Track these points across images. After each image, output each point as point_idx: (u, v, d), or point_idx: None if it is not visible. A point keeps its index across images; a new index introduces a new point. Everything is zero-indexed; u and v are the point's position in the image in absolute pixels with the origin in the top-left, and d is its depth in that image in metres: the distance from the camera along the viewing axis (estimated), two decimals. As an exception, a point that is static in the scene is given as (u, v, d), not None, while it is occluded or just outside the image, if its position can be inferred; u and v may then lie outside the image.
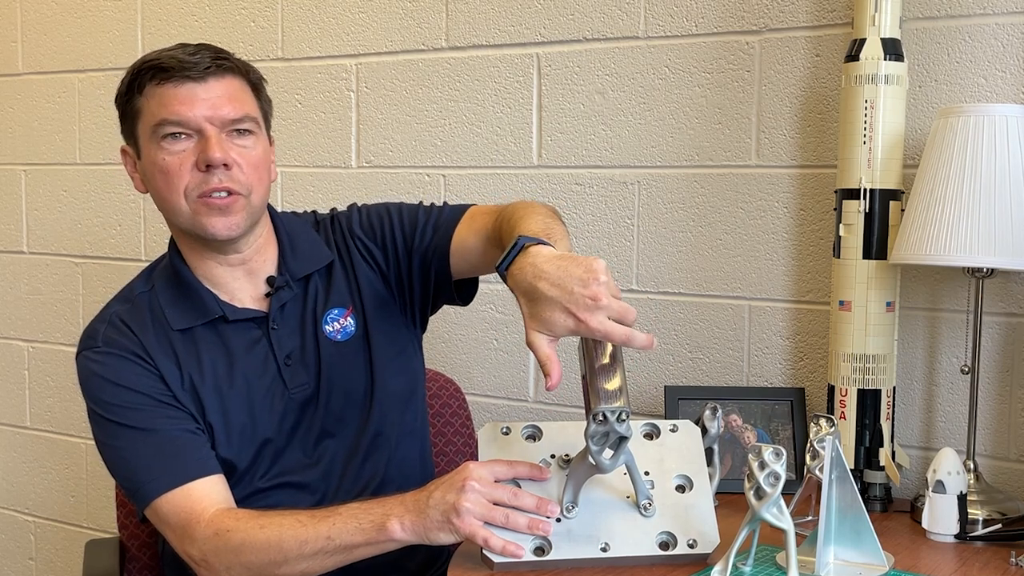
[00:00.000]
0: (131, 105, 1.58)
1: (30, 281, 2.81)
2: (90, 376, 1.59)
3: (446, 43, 2.23)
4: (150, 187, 1.60)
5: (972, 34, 1.77)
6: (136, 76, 1.56)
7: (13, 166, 2.81)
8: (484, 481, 1.39)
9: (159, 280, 1.64)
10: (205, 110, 1.53)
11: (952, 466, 1.57)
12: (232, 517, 1.47)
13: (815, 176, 1.91)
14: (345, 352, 1.65)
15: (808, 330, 1.93)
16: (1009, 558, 1.50)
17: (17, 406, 2.86)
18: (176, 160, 1.53)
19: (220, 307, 1.60)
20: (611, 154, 2.08)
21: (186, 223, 1.56)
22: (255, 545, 1.44)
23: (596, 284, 1.28)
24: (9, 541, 2.92)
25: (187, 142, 1.54)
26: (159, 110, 1.53)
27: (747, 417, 1.88)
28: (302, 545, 1.42)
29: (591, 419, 1.35)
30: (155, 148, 1.54)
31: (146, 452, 1.52)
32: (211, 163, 1.52)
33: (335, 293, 1.66)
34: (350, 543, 1.41)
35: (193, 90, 1.53)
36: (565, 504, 1.45)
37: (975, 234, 1.56)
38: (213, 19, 2.49)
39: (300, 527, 1.43)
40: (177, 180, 1.54)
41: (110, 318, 1.62)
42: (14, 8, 2.77)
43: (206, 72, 1.54)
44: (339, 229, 1.71)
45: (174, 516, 1.50)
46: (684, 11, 1.99)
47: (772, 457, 1.31)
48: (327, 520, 1.43)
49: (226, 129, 1.55)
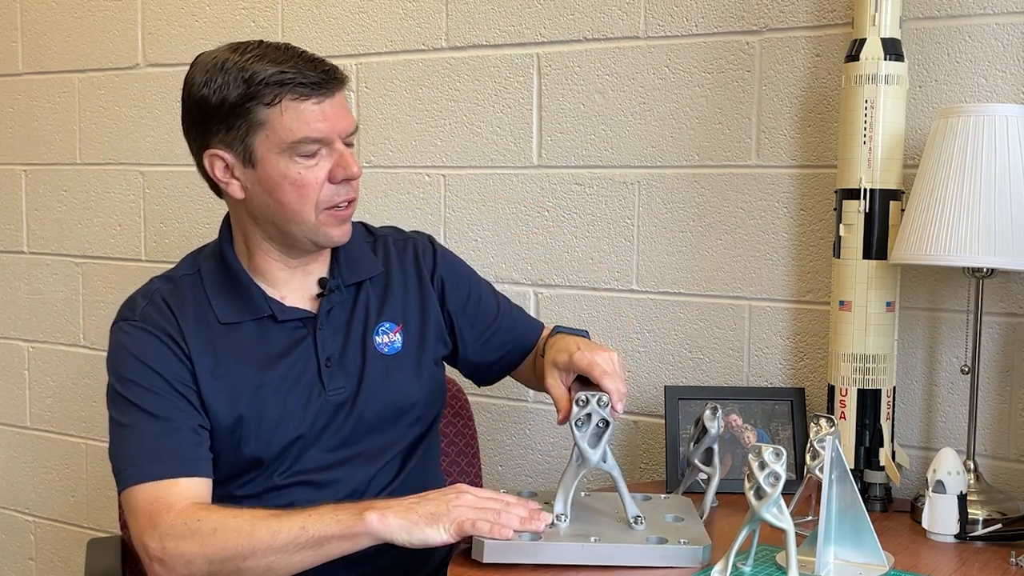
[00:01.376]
0: (251, 115, 1.53)
1: (30, 281, 2.81)
2: (118, 347, 1.59)
3: (446, 43, 2.23)
4: (266, 196, 1.58)
5: (972, 34, 1.77)
6: (262, 87, 1.52)
7: (13, 166, 2.81)
8: (475, 493, 1.46)
9: (206, 267, 1.65)
10: (337, 125, 1.56)
11: (952, 466, 1.58)
12: (205, 508, 1.48)
13: (815, 176, 1.91)
14: (390, 365, 1.67)
15: (808, 330, 1.93)
16: (1009, 558, 1.50)
17: (17, 406, 2.86)
18: (312, 174, 1.56)
19: (269, 305, 1.62)
20: (611, 154, 2.08)
21: (306, 232, 1.59)
22: (226, 532, 1.43)
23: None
24: (9, 541, 2.92)
25: (319, 156, 1.56)
26: (299, 127, 1.53)
27: (747, 417, 1.88)
28: (274, 535, 1.41)
29: (573, 403, 1.45)
30: (286, 162, 1.55)
31: (145, 437, 1.53)
32: (351, 177, 1.58)
33: (389, 307, 1.69)
34: (324, 534, 1.41)
35: (328, 106, 1.55)
36: (556, 514, 1.46)
37: (975, 234, 1.56)
38: (213, 19, 2.49)
39: (273, 518, 1.43)
40: (312, 193, 1.56)
41: (152, 295, 1.63)
42: (14, 8, 2.77)
43: (335, 88, 1.57)
44: (412, 252, 1.75)
45: (146, 505, 1.49)
46: (684, 11, 1.99)
47: (772, 457, 1.31)
48: (302, 512, 1.44)
49: (345, 140, 1.59)
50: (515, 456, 2.22)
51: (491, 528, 1.40)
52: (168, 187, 2.58)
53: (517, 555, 1.41)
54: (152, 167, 2.59)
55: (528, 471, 2.21)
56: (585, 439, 1.46)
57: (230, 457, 1.60)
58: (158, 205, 2.60)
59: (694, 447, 1.69)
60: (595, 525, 1.47)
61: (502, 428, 2.23)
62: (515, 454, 2.22)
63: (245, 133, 1.55)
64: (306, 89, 1.53)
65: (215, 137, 1.57)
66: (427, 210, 2.25)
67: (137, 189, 2.62)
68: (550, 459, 2.19)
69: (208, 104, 1.55)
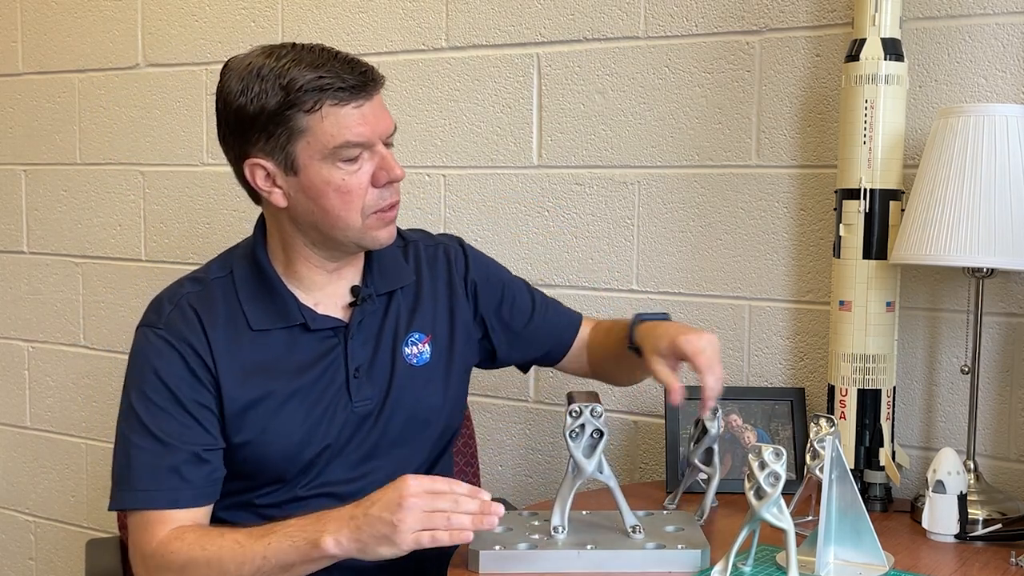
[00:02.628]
0: (291, 122, 1.50)
1: (30, 281, 2.81)
2: (139, 355, 1.57)
3: (446, 43, 2.23)
4: (309, 203, 1.55)
5: (972, 34, 1.77)
6: (301, 93, 1.49)
7: (13, 166, 2.81)
8: (421, 495, 1.35)
9: (239, 270, 1.62)
10: (377, 127, 1.54)
11: (952, 466, 1.57)
12: (178, 538, 1.48)
13: (815, 176, 1.91)
14: (418, 377, 1.65)
15: (808, 330, 1.93)
16: (1009, 558, 1.50)
17: (17, 406, 2.86)
18: (356, 180, 1.53)
19: (302, 313, 1.59)
20: (611, 154, 2.08)
21: (352, 236, 1.56)
22: (196, 566, 1.44)
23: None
24: (9, 541, 2.92)
25: (361, 161, 1.54)
26: (340, 132, 1.50)
27: (747, 417, 1.88)
28: (240, 566, 1.42)
29: (567, 415, 1.44)
30: (329, 168, 1.52)
31: (146, 460, 1.52)
32: (396, 179, 1.56)
33: (420, 318, 1.68)
34: (285, 562, 1.41)
35: (367, 109, 1.53)
36: (553, 526, 1.46)
37: (975, 234, 1.56)
38: (213, 19, 2.49)
39: (238, 547, 1.43)
40: (357, 199, 1.53)
41: (179, 300, 1.59)
42: (14, 8, 2.77)
43: (373, 90, 1.55)
44: (444, 259, 1.74)
45: (135, 530, 1.52)
46: (684, 11, 1.99)
47: (772, 457, 1.31)
48: (263, 540, 1.42)
49: (385, 141, 1.57)
50: (515, 456, 2.22)
51: (449, 537, 1.34)
52: (168, 187, 2.58)
53: (513, 564, 1.41)
54: (152, 167, 2.59)
55: (528, 471, 2.21)
56: (580, 450, 1.45)
57: (253, 468, 1.58)
58: (158, 205, 2.60)
59: (694, 447, 1.69)
60: (592, 535, 1.47)
61: (502, 428, 2.23)
62: (515, 454, 2.22)
63: (286, 141, 1.51)
64: (345, 93, 1.50)
65: (255, 146, 1.53)
66: (427, 210, 2.25)
67: (137, 189, 2.62)
68: (550, 459, 2.19)
69: (246, 113, 1.51)
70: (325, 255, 1.60)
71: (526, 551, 1.41)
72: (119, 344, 2.64)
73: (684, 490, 1.75)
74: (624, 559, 1.41)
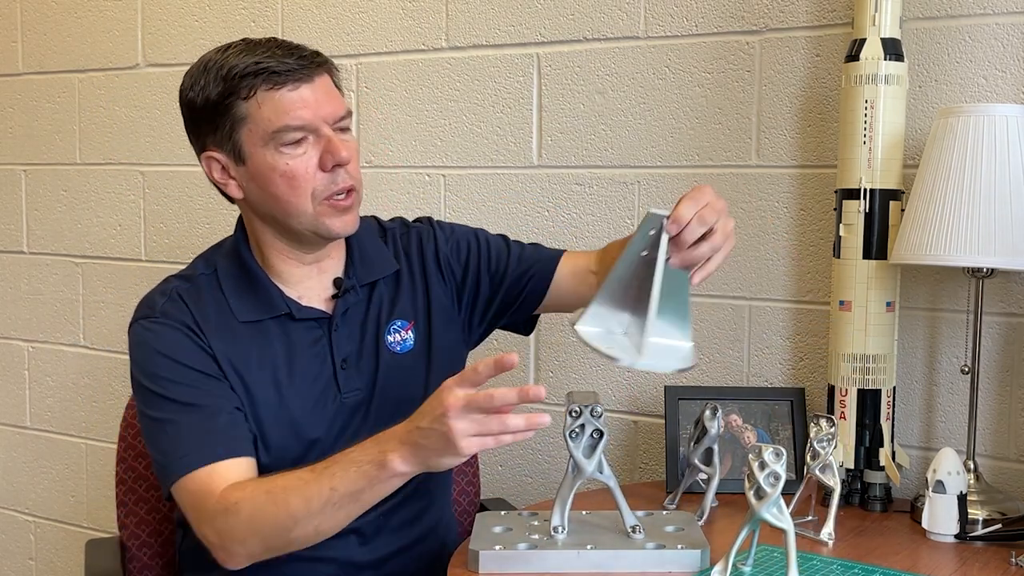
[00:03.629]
0: (232, 111, 1.53)
1: (30, 281, 2.81)
2: (142, 345, 1.57)
3: (446, 43, 2.23)
4: (259, 192, 1.56)
5: (972, 34, 1.77)
6: (237, 81, 1.51)
7: (13, 166, 2.81)
8: (469, 413, 1.31)
9: (222, 266, 1.63)
10: (320, 110, 1.53)
11: (952, 466, 1.57)
12: (239, 489, 1.45)
13: (815, 176, 1.91)
14: (403, 364, 1.65)
15: (808, 330, 1.93)
16: (1009, 558, 1.50)
17: (17, 406, 2.86)
18: (300, 164, 1.52)
19: (286, 303, 1.60)
20: (611, 154, 2.08)
21: (306, 224, 1.56)
22: (264, 512, 1.42)
23: None
24: (9, 541, 2.92)
25: (305, 145, 1.53)
26: (277, 116, 1.51)
27: (747, 417, 1.88)
28: (308, 502, 1.40)
29: (566, 415, 1.43)
30: (272, 153, 1.52)
31: (184, 427, 1.51)
32: (341, 163, 1.53)
33: (400, 305, 1.67)
34: (354, 489, 1.39)
35: (306, 92, 1.52)
36: (553, 526, 1.46)
37: (975, 234, 1.56)
38: (213, 19, 2.49)
39: (303, 485, 1.41)
40: (304, 183, 1.53)
41: (171, 292, 1.60)
42: (14, 8, 2.77)
43: (313, 72, 1.53)
44: (416, 243, 1.73)
45: (192, 495, 1.48)
46: (684, 11, 1.99)
47: (772, 457, 1.31)
48: (326, 473, 1.40)
49: (335, 126, 1.55)
50: (515, 456, 2.22)
51: (511, 437, 1.30)
52: (168, 187, 2.58)
53: (513, 564, 1.41)
54: (152, 167, 2.59)
55: (528, 471, 2.21)
56: (580, 450, 1.44)
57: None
58: (158, 205, 2.60)
59: (694, 447, 1.69)
60: (593, 535, 1.47)
61: (502, 428, 2.23)
62: (515, 454, 2.22)
63: (231, 130, 1.54)
64: (280, 77, 1.51)
65: (208, 139, 1.57)
66: (427, 210, 2.25)
67: (137, 189, 2.62)
68: (550, 459, 2.19)
69: (195, 106, 1.55)
70: (295, 246, 1.61)
71: (526, 551, 1.41)
72: (119, 344, 2.64)
73: (684, 490, 1.75)
74: (624, 559, 1.41)
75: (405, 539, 1.66)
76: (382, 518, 1.62)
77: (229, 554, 1.46)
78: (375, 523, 1.62)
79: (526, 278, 1.72)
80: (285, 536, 1.43)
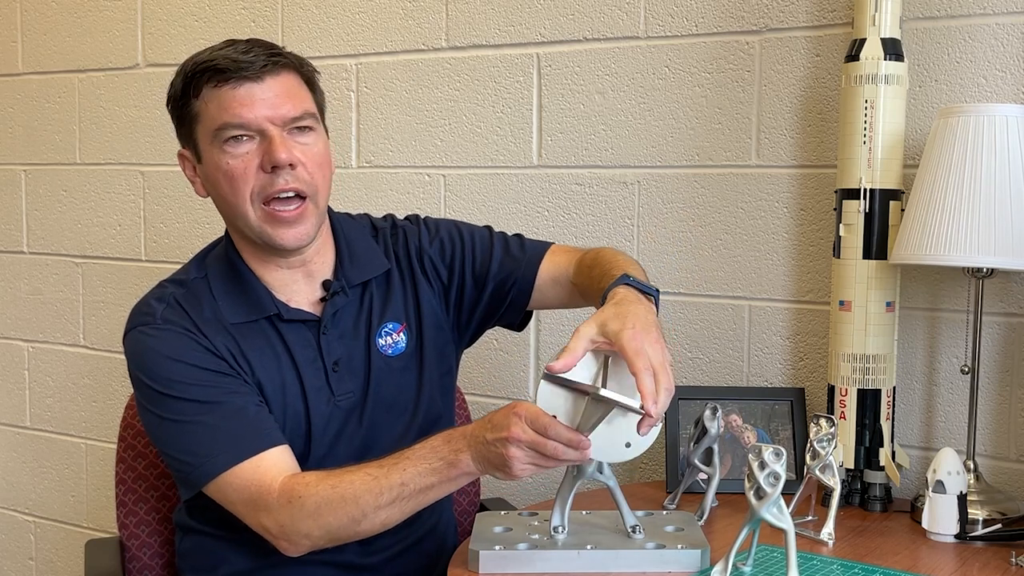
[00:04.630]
0: (188, 109, 1.54)
1: (30, 281, 2.81)
2: (146, 352, 1.55)
3: (446, 43, 2.23)
4: (213, 192, 1.58)
5: (972, 34, 1.77)
6: (190, 79, 1.53)
7: (13, 166, 2.81)
8: (529, 448, 1.33)
9: (212, 270, 1.62)
10: (265, 110, 1.50)
11: (952, 466, 1.57)
12: (303, 483, 1.45)
13: (815, 176, 1.91)
14: (395, 367, 1.64)
15: (808, 330, 1.93)
16: (1009, 558, 1.50)
17: (17, 406, 2.86)
18: (240, 163, 1.51)
19: (275, 305, 1.59)
20: (611, 154, 2.08)
21: (254, 230, 1.54)
22: (331, 506, 1.42)
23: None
24: (9, 541, 2.92)
25: (249, 144, 1.51)
26: (219, 113, 1.50)
27: (747, 417, 1.88)
28: (377, 497, 1.41)
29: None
30: (217, 152, 1.52)
31: (213, 426, 1.49)
32: (277, 164, 1.50)
33: (392, 306, 1.66)
34: (424, 485, 1.40)
35: (252, 90, 1.50)
36: (553, 526, 1.46)
37: (975, 234, 1.56)
38: (213, 19, 2.49)
39: (372, 480, 1.41)
40: (242, 184, 1.51)
41: (168, 299, 1.59)
42: (14, 8, 2.77)
43: (263, 71, 1.51)
44: (403, 242, 1.71)
45: (243, 490, 1.47)
46: (684, 11, 1.99)
47: (772, 457, 1.31)
48: (397, 467, 1.41)
49: (287, 127, 1.52)
50: (515, 456, 2.22)
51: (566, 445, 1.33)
52: (168, 187, 2.58)
53: (513, 564, 1.40)
54: (152, 167, 2.59)
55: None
56: None
57: None
58: (158, 205, 2.60)
59: (694, 447, 1.69)
60: (593, 535, 1.47)
61: (502, 428, 2.23)
62: (515, 454, 2.22)
63: (190, 129, 1.56)
64: (224, 74, 1.50)
65: (179, 136, 1.60)
66: (427, 210, 2.25)
67: (137, 189, 2.62)
68: (550, 459, 2.18)
69: (169, 105, 1.59)
70: (266, 251, 1.58)
71: (526, 551, 1.41)
72: (119, 344, 2.63)
73: (684, 490, 1.75)
74: (624, 559, 1.41)
75: (404, 540, 1.66)
76: None
77: (292, 544, 1.46)
78: None
79: (509, 283, 1.70)
80: (353, 528, 1.44)
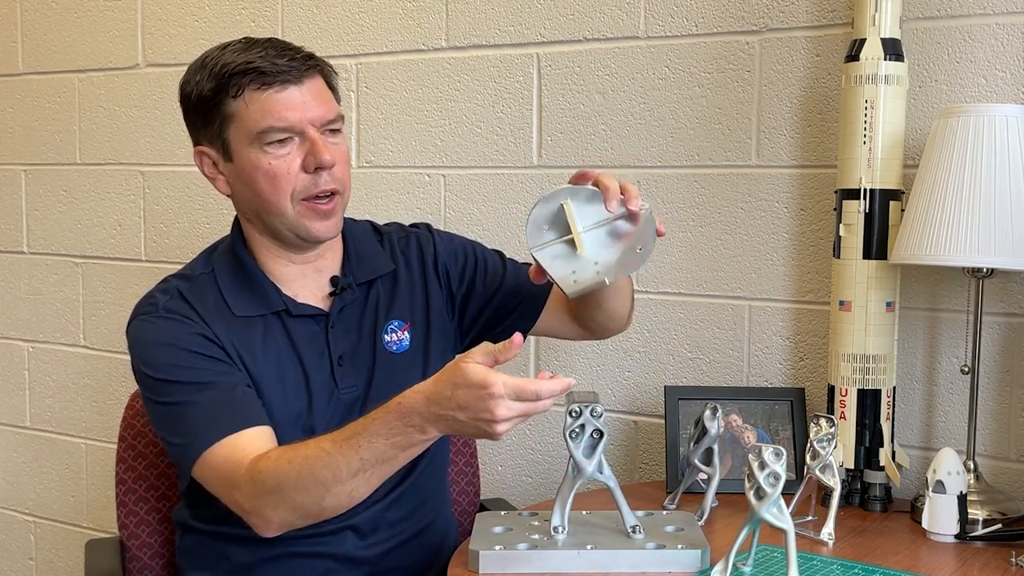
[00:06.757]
0: (222, 108, 1.56)
1: (30, 281, 2.81)
2: (144, 339, 1.58)
3: (446, 43, 2.23)
4: (243, 189, 1.59)
5: (972, 34, 1.77)
6: (227, 79, 1.54)
7: (13, 166, 2.81)
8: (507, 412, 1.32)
9: (219, 265, 1.65)
10: (307, 113, 1.55)
11: (952, 466, 1.57)
12: (264, 459, 1.46)
13: (815, 176, 1.91)
14: (398, 364, 1.66)
15: (808, 330, 1.93)
16: (1009, 558, 1.50)
17: (17, 406, 2.86)
18: (283, 164, 1.55)
19: (283, 300, 1.62)
20: (611, 154, 2.07)
21: (288, 224, 1.58)
22: (290, 483, 1.42)
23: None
24: (9, 541, 2.92)
25: (290, 145, 1.55)
26: (263, 116, 1.53)
27: (747, 417, 1.88)
28: (336, 472, 1.40)
29: (567, 415, 1.42)
30: (257, 152, 1.55)
31: (201, 405, 1.52)
32: (323, 166, 1.55)
33: (398, 305, 1.69)
34: (385, 457, 1.39)
35: (294, 94, 1.55)
36: (553, 526, 1.46)
37: (975, 234, 1.56)
38: (213, 19, 2.49)
39: (326, 455, 1.41)
40: (285, 184, 1.55)
41: (172, 291, 1.62)
42: (14, 8, 2.77)
43: (303, 75, 1.56)
44: (416, 247, 1.75)
45: (219, 469, 1.49)
46: (684, 11, 1.99)
47: (772, 457, 1.31)
48: (350, 443, 1.40)
49: (323, 129, 1.57)
50: (514, 456, 2.22)
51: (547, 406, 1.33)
52: (168, 187, 2.58)
53: (513, 564, 1.40)
54: (152, 167, 2.59)
55: (528, 471, 2.21)
56: (580, 450, 1.44)
57: None
58: (158, 205, 2.60)
59: (694, 447, 1.69)
60: (593, 535, 1.47)
61: (502, 428, 2.23)
62: (514, 454, 2.22)
63: (220, 127, 1.57)
64: (268, 77, 1.53)
65: (200, 134, 1.60)
66: (427, 210, 2.25)
67: (137, 189, 2.62)
68: (549, 459, 2.19)
69: (190, 101, 1.59)
70: (282, 247, 1.63)
71: (526, 551, 1.41)
72: (119, 344, 2.64)
73: (684, 490, 1.75)
74: (624, 559, 1.41)
75: (403, 534, 1.67)
76: (379, 513, 1.63)
77: (263, 520, 1.46)
78: (372, 519, 1.63)
79: (513, 304, 1.74)
80: (316, 505, 1.43)
